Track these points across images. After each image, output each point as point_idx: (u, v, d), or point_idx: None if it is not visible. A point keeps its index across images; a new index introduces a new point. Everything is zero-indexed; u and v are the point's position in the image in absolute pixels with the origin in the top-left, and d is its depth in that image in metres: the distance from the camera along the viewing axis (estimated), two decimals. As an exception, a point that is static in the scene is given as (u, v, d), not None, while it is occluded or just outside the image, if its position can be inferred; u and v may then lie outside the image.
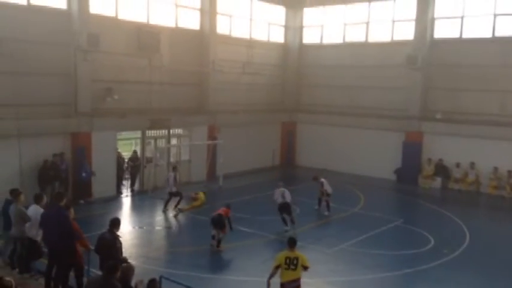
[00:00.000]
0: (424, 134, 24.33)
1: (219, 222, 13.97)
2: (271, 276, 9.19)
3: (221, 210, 14.33)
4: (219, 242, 14.06)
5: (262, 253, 13.73)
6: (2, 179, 15.34)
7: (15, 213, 10.25)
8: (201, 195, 18.05)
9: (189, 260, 13.48)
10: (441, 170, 23.68)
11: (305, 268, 9.20)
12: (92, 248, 9.75)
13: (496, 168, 22.09)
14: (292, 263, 9.06)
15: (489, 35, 22.80)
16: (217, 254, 14.01)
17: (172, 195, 17.95)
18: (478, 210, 21.20)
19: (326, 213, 17.99)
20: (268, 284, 9.14)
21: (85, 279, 9.57)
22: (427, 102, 24.68)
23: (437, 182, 23.64)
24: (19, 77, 16.91)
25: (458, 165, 23.13)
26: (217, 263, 13.62)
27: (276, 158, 28.80)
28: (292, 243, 9.30)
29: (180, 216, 17.46)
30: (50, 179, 17.46)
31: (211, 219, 14.11)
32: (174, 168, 18.73)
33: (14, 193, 10.63)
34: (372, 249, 14.52)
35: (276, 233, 15.55)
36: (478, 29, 23.13)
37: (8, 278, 6.59)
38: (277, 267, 9.14)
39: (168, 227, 16.58)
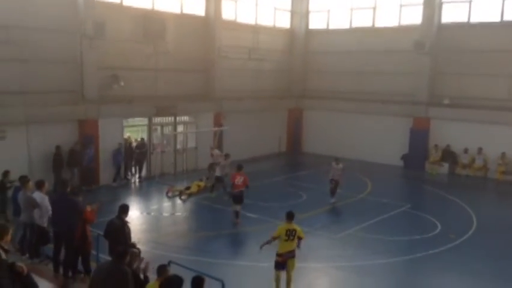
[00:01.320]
0: (432, 120, 24.17)
1: (241, 199, 15.18)
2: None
3: (241, 182, 15.10)
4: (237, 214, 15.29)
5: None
6: (12, 166, 15.42)
7: (24, 199, 10.36)
8: (199, 183, 18.80)
9: (198, 246, 13.60)
10: (448, 155, 23.57)
11: (300, 239, 10.10)
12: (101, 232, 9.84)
13: (503, 154, 21.95)
14: (291, 234, 10.02)
15: (498, 19, 22.54)
16: (224, 239, 14.20)
17: (217, 179, 18.50)
18: (486, 196, 21.11)
19: (333, 200, 17.89)
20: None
21: (94, 265, 9.67)
22: (434, 87, 24.48)
23: (445, 167, 23.54)
24: (26, 64, 16.89)
25: (466, 150, 23.02)
26: (225, 249, 13.68)
27: (283, 145, 28.77)
28: (290, 216, 10.19)
29: (188, 202, 17.66)
30: (66, 165, 17.84)
31: (233, 196, 15.28)
32: (226, 156, 18.89)
33: (22, 180, 10.76)
34: (379, 234, 14.55)
35: (280, 218, 15.59)
36: (486, 13, 22.86)
37: (19, 264, 6.65)
38: (276, 238, 10.05)
39: (174, 214, 16.75)
